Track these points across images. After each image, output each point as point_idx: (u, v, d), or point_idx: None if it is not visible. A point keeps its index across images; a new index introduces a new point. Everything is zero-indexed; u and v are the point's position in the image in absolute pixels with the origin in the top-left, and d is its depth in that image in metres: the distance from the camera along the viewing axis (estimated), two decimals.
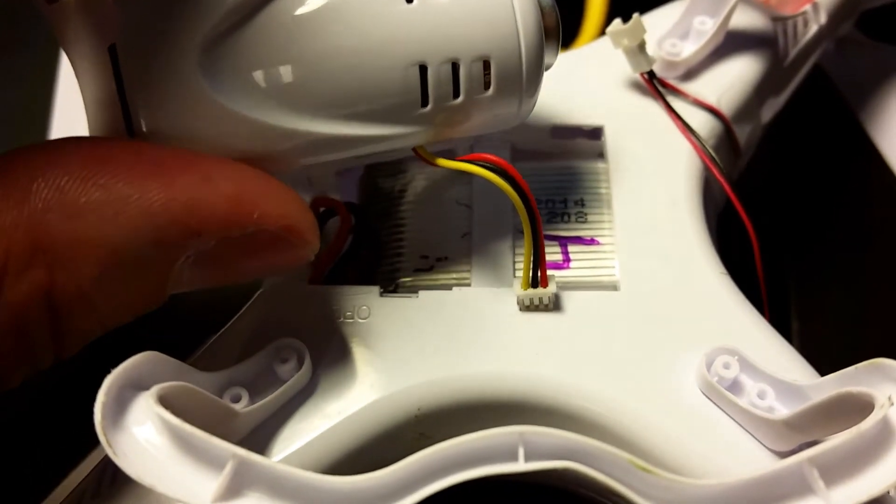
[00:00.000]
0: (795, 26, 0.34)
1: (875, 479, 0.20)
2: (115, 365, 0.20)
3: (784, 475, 0.20)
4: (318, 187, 0.30)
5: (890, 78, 0.40)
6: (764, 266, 0.30)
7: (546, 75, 0.31)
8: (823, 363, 0.25)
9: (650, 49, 0.30)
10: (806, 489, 0.20)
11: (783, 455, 0.23)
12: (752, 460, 0.23)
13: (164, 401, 0.20)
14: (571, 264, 0.28)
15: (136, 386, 0.20)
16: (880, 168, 0.38)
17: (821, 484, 0.19)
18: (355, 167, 0.31)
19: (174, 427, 0.19)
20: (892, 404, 0.20)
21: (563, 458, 0.20)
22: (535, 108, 0.30)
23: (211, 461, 0.19)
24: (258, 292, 0.27)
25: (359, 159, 0.25)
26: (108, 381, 0.19)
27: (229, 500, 0.19)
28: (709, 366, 0.24)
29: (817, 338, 0.34)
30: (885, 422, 0.20)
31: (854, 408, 0.21)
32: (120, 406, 0.19)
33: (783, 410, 0.24)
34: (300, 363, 0.24)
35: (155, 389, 0.20)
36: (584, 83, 0.31)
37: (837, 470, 0.20)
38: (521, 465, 0.19)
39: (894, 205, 0.37)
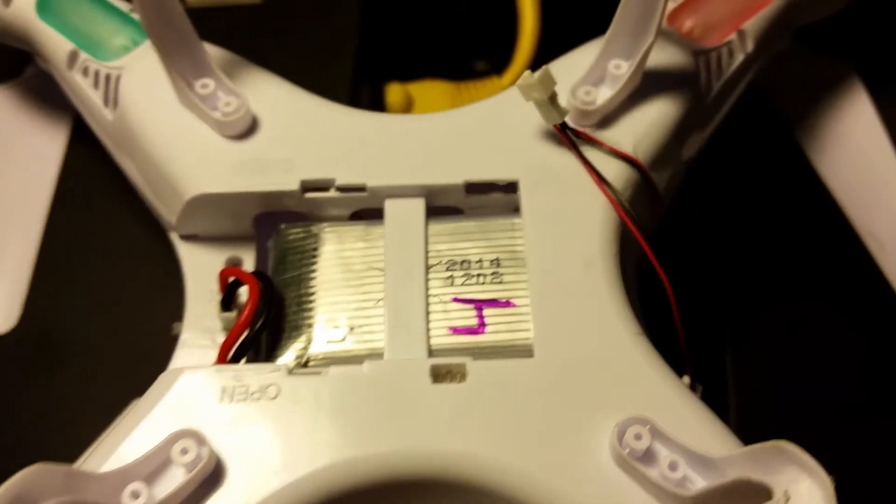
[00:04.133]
0: (720, 58, 0.33)
1: None
2: None
3: None
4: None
5: (826, 90, 0.39)
6: (694, 309, 0.29)
7: (460, 127, 0.31)
8: (757, 412, 0.24)
9: (563, 98, 0.29)
10: None
11: None
12: None
13: None
14: (487, 329, 0.27)
15: None
16: (820, 193, 0.38)
17: None
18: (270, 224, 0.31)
19: None
20: (788, 500, 0.19)
21: None
22: (449, 163, 0.30)
23: None
24: (158, 377, 0.26)
25: None
26: None
27: None
28: (620, 437, 0.24)
29: (753, 382, 0.33)
30: None
31: (755, 492, 0.21)
32: None
33: (696, 480, 0.23)
34: (202, 453, 0.24)
35: None
36: (498, 135, 0.30)
37: None
38: None
39: (836, 238, 0.37)
